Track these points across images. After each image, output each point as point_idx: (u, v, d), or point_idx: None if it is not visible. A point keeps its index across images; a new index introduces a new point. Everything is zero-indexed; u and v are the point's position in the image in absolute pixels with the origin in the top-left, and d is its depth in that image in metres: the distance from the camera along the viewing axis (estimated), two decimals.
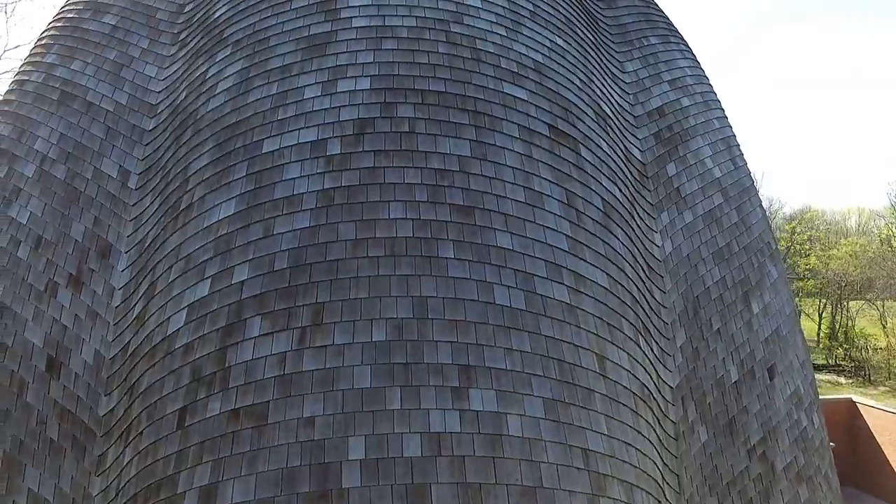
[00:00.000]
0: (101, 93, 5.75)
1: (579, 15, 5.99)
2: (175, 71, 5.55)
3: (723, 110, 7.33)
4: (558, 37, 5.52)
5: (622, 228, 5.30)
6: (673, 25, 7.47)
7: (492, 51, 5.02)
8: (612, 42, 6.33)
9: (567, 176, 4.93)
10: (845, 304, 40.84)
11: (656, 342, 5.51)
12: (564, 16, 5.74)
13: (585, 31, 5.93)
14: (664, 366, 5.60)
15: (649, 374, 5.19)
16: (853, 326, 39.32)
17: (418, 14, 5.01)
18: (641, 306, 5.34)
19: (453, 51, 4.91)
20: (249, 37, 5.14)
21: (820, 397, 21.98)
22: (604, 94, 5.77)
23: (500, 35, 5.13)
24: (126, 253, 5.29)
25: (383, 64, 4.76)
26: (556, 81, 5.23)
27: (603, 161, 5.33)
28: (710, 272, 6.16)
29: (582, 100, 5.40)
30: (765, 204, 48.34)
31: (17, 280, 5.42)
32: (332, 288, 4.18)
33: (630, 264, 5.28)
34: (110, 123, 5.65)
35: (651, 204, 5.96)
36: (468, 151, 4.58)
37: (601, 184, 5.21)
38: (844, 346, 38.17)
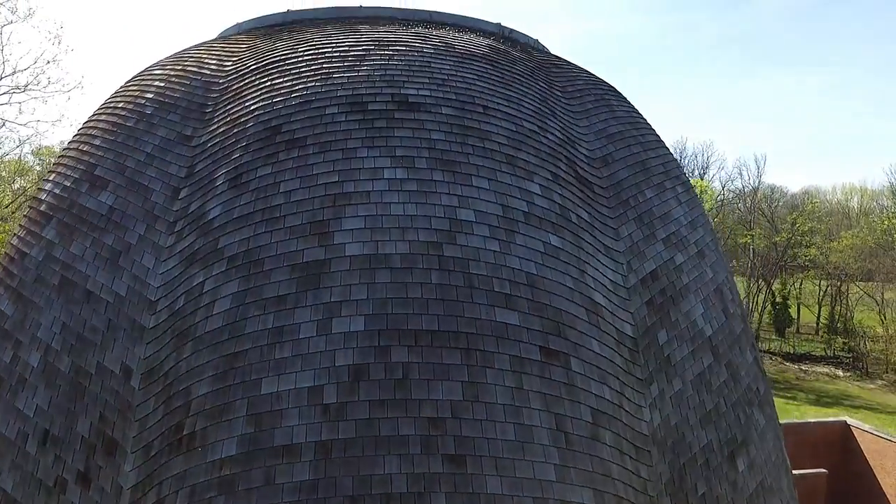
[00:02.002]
0: (101, 282, 5.85)
1: (574, 194, 6.00)
2: (172, 268, 5.62)
3: (716, 251, 7.39)
4: (552, 234, 5.57)
5: (610, 430, 5.45)
6: (670, 161, 7.46)
7: (485, 273, 5.09)
8: (607, 207, 6.36)
9: (557, 398, 5.06)
10: (845, 293, 41.07)
11: None
12: (559, 204, 5.77)
13: (580, 212, 5.96)
14: None
15: None
16: (852, 318, 39.66)
17: (411, 237, 5.06)
18: (627, 498, 5.53)
19: (446, 279, 4.98)
20: (245, 254, 5.20)
21: (815, 420, 22.16)
22: (597, 280, 5.84)
23: (494, 251, 5.19)
24: (132, 454, 5.47)
25: (376, 301, 4.84)
26: (548, 292, 5.31)
27: (593, 365, 5.45)
28: (696, 438, 6.33)
29: (574, 301, 5.49)
30: (766, 192, 47.92)
31: (26, 475, 5.64)
32: None
33: (617, 464, 5.44)
34: (111, 315, 5.76)
35: (640, 379, 6.10)
36: (460, 395, 4.71)
37: (591, 392, 5.34)
38: (843, 337, 38.58)
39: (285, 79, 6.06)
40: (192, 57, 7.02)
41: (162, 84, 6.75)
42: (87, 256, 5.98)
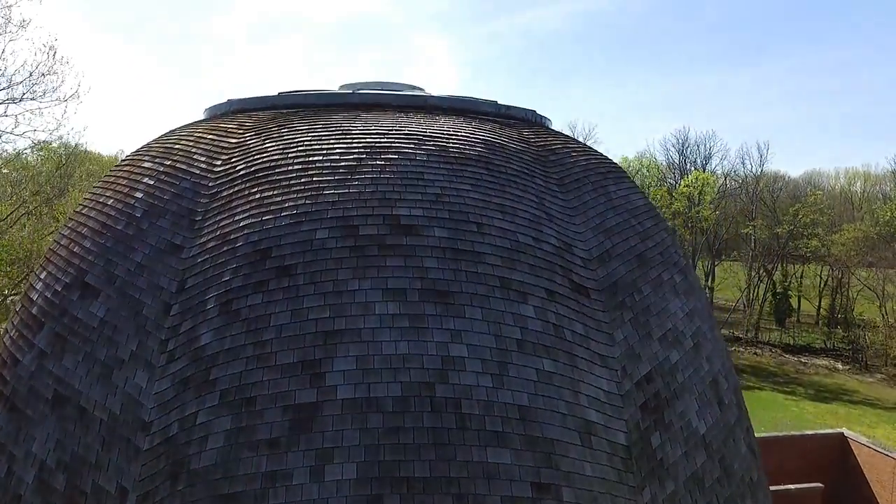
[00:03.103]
0: (94, 398, 5.84)
1: (568, 308, 5.94)
2: (165, 390, 5.60)
3: (713, 337, 7.34)
4: (546, 358, 5.53)
5: None
6: (668, 247, 7.36)
7: (477, 412, 5.07)
8: (603, 312, 6.29)
9: None
10: (846, 285, 41.08)
11: None
12: (553, 324, 5.71)
13: (575, 326, 5.90)
14: None
15: None
16: (853, 309, 39.73)
17: (403, 378, 5.02)
18: None
19: (438, 422, 4.95)
20: (237, 389, 5.18)
21: (813, 432, 22.26)
22: (591, 397, 5.81)
23: (486, 387, 5.15)
24: None
25: (369, 447, 4.82)
26: (541, 423, 5.29)
27: (585, 489, 5.45)
28: None
29: (567, 427, 5.47)
30: (768, 182, 47.87)
31: None
32: None
33: None
34: (105, 434, 5.76)
35: (633, 487, 6.11)
36: None
37: None
38: (843, 329, 38.69)
39: (275, 192, 5.95)
40: (181, 150, 6.89)
41: (151, 182, 6.64)
42: (80, 371, 5.96)
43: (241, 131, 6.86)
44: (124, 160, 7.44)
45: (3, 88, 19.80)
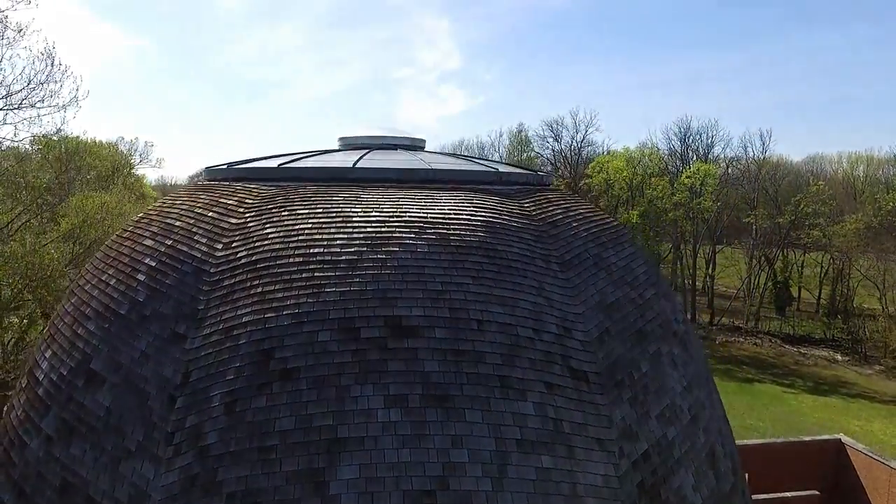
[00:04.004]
0: (102, 488, 5.95)
1: (567, 397, 6.01)
2: (172, 484, 5.71)
3: (710, 406, 7.43)
4: (545, 455, 5.62)
5: None
6: (667, 315, 7.40)
7: None
8: (601, 395, 6.37)
9: None
10: (846, 275, 41.13)
11: None
12: (552, 418, 5.79)
13: (574, 415, 5.98)
14: None
15: None
16: (853, 298, 39.82)
17: (405, 486, 5.12)
18: None
19: None
20: (243, 493, 5.27)
21: (810, 438, 22.45)
22: (588, 485, 5.92)
23: (486, 492, 5.26)
24: None
25: None
26: None
27: None
28: None
29: None
30: (769, 171, 47.47)
31: None
32: None
33: None
34: None
35: None
36: None
37: None
38: (843, 319, 38.82)
39: (276, 287, 5.98)
40: (181, 228, 6.90)
41: (153, 264, 6.67)
42: (87, 460, 6.07)
43: (241, 210, 6.87)
44: (125, 232, 7.46)
45: (2, 97, 19.66)
